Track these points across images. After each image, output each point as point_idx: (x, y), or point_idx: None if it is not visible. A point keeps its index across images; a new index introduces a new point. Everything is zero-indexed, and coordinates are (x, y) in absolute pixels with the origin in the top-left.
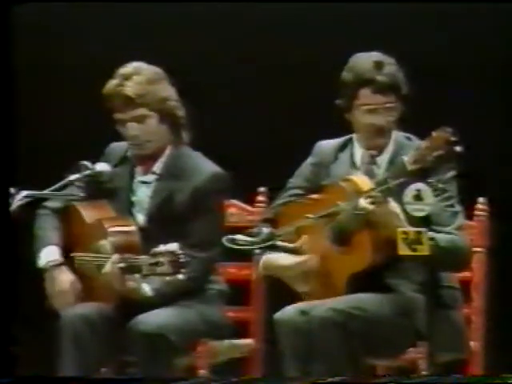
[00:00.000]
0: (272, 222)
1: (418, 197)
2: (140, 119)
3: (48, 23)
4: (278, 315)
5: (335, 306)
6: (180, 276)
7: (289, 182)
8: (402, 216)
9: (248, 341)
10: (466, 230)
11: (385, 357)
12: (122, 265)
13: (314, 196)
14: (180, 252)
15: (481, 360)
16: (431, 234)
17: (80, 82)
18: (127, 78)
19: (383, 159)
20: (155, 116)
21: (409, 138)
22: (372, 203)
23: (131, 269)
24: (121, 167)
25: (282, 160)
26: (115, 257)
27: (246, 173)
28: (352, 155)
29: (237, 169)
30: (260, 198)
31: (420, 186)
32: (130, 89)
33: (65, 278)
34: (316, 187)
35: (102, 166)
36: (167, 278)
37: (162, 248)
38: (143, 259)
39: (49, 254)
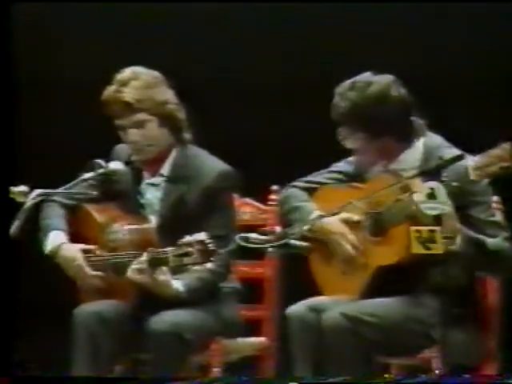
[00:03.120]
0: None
1: (432, 195)
2: (140, 124)
3: (48, 23)
4: (289, 311)
5: (347, 311)
6: (209, 265)
7: (334, 165)
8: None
9: (261, 339)
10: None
11: (398, 357)
12: (147, 258)
13: (359, 185)
14: (209, 240)
15: (495, 359)
16: (481, 237)
17: (80, 81)
18: (125, 83)
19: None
20: (155, 120)
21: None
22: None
23: (157, 262)
24: (126, 169)
25: (295, 158)
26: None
27: (259, 171)
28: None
29: (250, 167)
30: (273, 196)
31: (433, 184)
32: (128, 94)
33: (72, 251)
34: (358, 177)
35: (115, 165)
36: (195, 268)
37: (190, 238)
38: (169, 251)
39: (55, 239)
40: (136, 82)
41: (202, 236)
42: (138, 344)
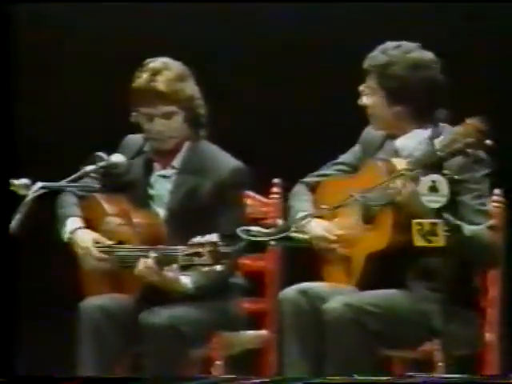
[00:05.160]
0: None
1: (434, 188)
2: (168, 115)
3: (48, 23)
4: (280, 295)
5: (350, 301)
6: (218, 267)
7: (339, 157)
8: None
9: (262, 332)
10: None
11: (400, 349)
12: (156, 255)
13: (354, 175)
14: (221, 243)
15: (496, 352)
16: (458, 222)
17: (80, 81)
18: (157, 72)
19: (407, 144)
20: (181, 113)
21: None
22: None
23: (166, 259)
24: (137, 160)
25: (297, 151)
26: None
27: (261, 164)
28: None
29: (251, 160)
30: (275, 189)
31: (435, 177)
32: (162, 84)
33: (87, 237)
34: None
35: (117, 157)
36: (204, 269)
37: (201, 239)
38: (179, 249)
39: (71, 225)
40: (169, 72)
41: (213, 238)
42: (142, 338)
